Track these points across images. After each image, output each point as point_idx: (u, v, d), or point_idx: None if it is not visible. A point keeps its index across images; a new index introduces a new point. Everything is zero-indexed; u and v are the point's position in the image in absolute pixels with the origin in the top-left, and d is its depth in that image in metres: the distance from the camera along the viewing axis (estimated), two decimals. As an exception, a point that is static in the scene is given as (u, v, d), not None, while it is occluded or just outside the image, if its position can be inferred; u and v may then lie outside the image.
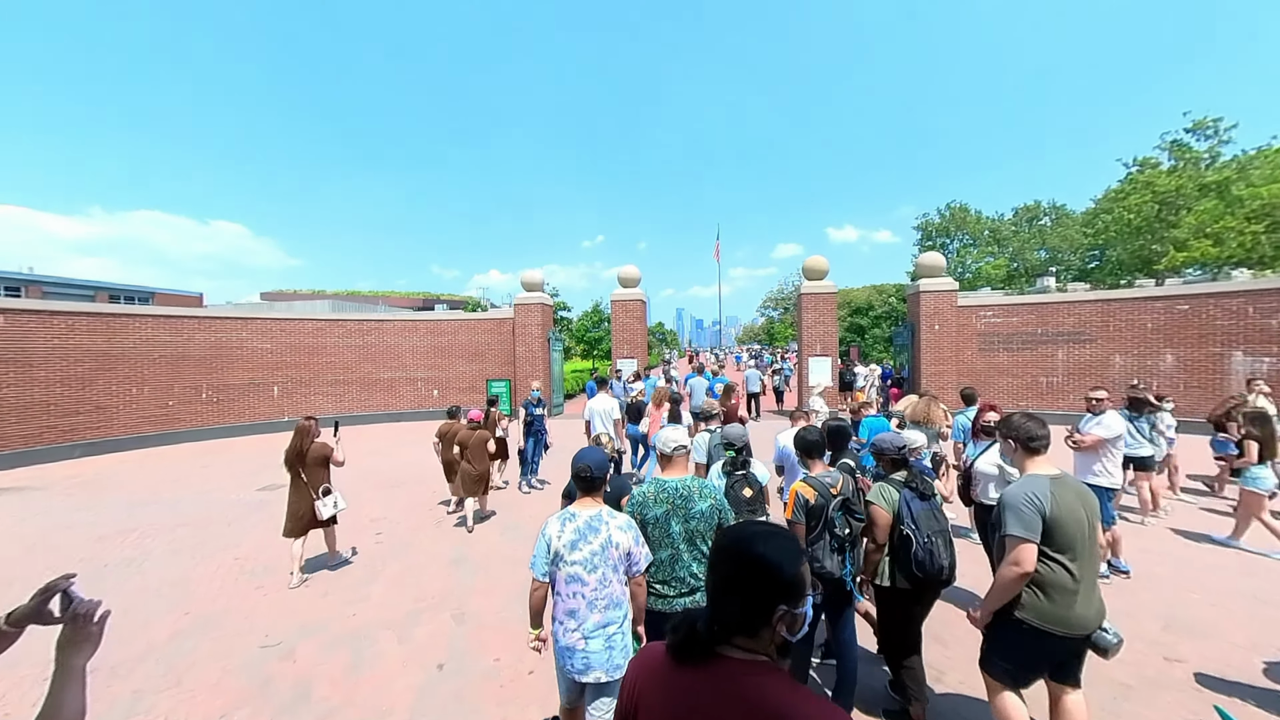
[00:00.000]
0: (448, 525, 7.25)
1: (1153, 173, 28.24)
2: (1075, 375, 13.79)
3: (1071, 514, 2.40)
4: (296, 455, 5.39)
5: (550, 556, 2.57)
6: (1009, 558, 2.40)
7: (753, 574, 1.10)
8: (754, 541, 1.12)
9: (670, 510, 2.86)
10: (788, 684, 1.08)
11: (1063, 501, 2.40)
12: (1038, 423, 2.64)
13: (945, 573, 2.97)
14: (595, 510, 2.63)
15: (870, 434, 6.62)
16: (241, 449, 13.11)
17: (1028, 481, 2.50)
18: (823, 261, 15.92)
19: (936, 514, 3.08)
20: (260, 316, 15.64)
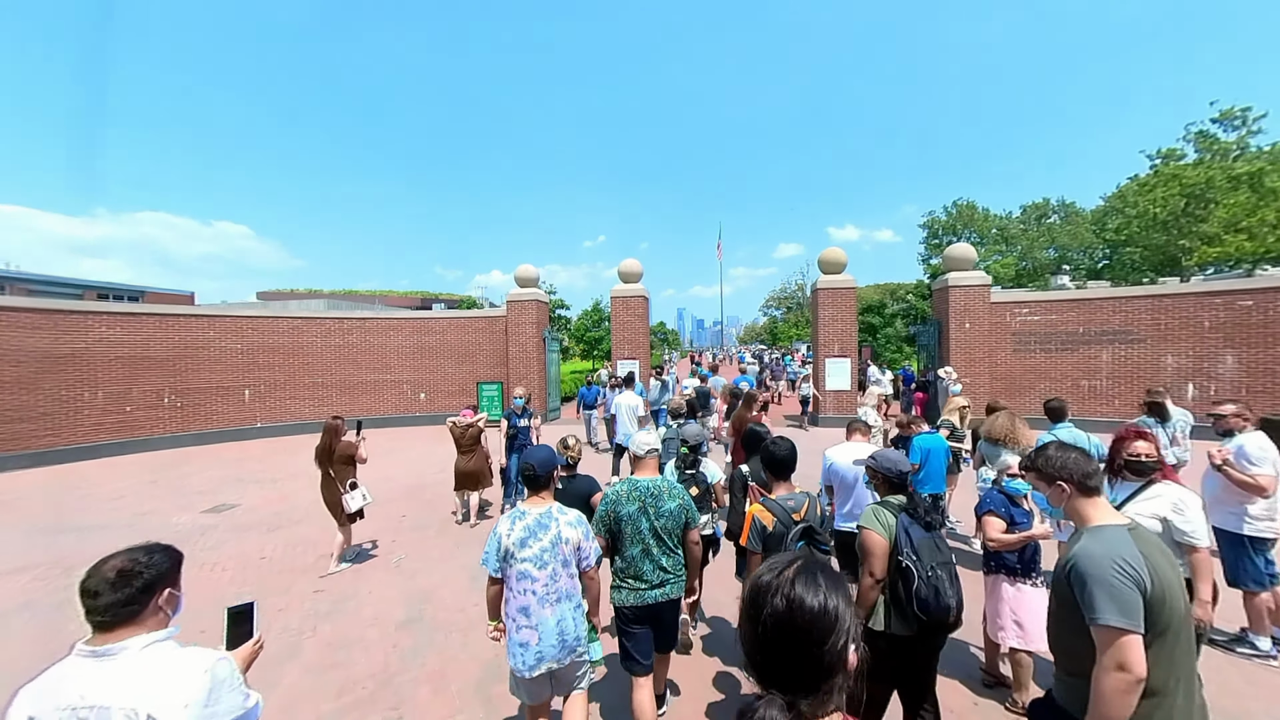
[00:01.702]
0: (411, 565, 5.99)
1: (1178, 165, 27.00)
2: (1122, 379, 12.52)
3: (1172, 580, 1.69)
4: (325, 453, 5.76)
5: (501, 554, 2.59)
6: (1108, 658, 1.62)
7: (821, 631, 0.97)
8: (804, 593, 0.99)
9: (641, 508, 2.97)
10: None
11: (1158, 563, 1.69)
12: (1083, 453, 1.93)
13: (953, 613, 2.47)
14: (544, 507, 2.67)
15: (923, 455, 5.41)
16: (205, 459, 11.90)
17: (1106, 539, 1.74)
18: (840, 254, 14.67)
19: (939, 544, 2.59)
20: (229, 314, 14.42)
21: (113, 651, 1.44)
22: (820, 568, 1.06)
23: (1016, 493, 3.23)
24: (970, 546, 6.04)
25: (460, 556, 6.07)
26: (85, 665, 1.43)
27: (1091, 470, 1.88)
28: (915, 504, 2.65)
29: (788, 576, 1.02)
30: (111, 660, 1.43)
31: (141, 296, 39.59)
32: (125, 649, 1.45)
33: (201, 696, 1.44)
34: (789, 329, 57.07)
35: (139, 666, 1.44)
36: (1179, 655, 1.68)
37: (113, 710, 1.37)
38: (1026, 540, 3.15)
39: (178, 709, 1.40)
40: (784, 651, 0.99)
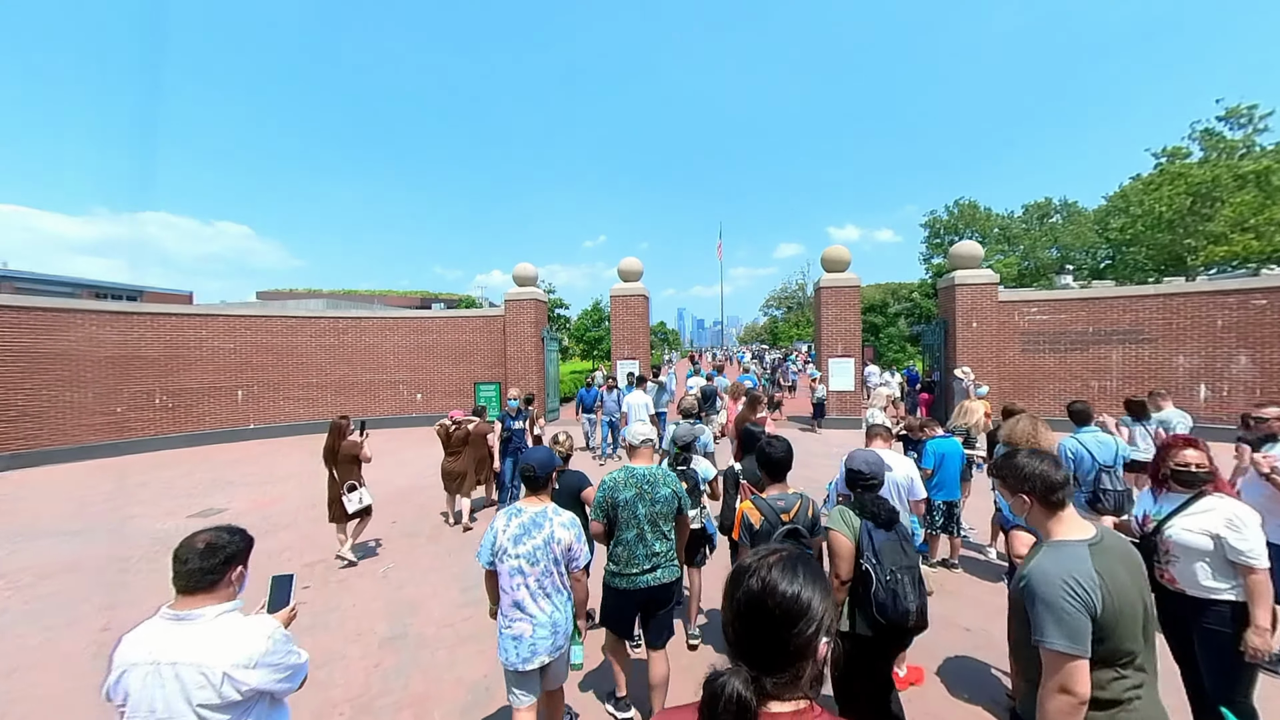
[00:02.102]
0: (399, 575, 5.73)
1: (1184, 164, 26.74)
2: (1132, 379, 12.25)
3: (1130, 600, 1.66)
4: (330, 452, 5.86)
5: (494, 549, 2.67)
6: (1053, 681, 1.63)
7: (793, 616, 1.02)
8: (778, 578, 1.05)
9: (638, 494, 3.06)
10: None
11: (1115, 584, 1.64)
12: (1053, 462, 1.85)
13: (912, 618, 2.47)
14: (540, 507, 2.73)
15: (937, 459, 5.15)
16: (196, 461, 11.64)
17: (1059, 556, 1.70)
18: (843, 251, 14.39)
19: (904, 546, 2.58)
20: (221, 314, 14.17)
21: (191, 617, 1.72)
22: (802, 560, 1.11)
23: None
24: (985, 555, 5.78)
25: (451, 565, 5.82)
26: (168, 626, 1.72)
27: (1057, 482, 1.79)
28: (874, 506, 2.65)
29: (768, 562, 1.08)
30: (190, 624, 1.71)
31: (139, 296, 39.35)
32: (202, 616, 1.73)
33: (264, 655, 1.73)
34: (789, 329, 56.81)
35: (211, 631, 1.72)
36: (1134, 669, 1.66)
37: (188, 666, 1.65)
38: None
39: (245, 665, 1.69)
40: (754, 629, 1.04)
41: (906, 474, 3.63)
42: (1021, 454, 1.92)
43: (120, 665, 1.69)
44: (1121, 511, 4.32)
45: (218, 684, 1.66)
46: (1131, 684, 1.65)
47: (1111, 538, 1.79)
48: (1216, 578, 2.56)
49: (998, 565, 5.47)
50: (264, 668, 1.73)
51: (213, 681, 1.66)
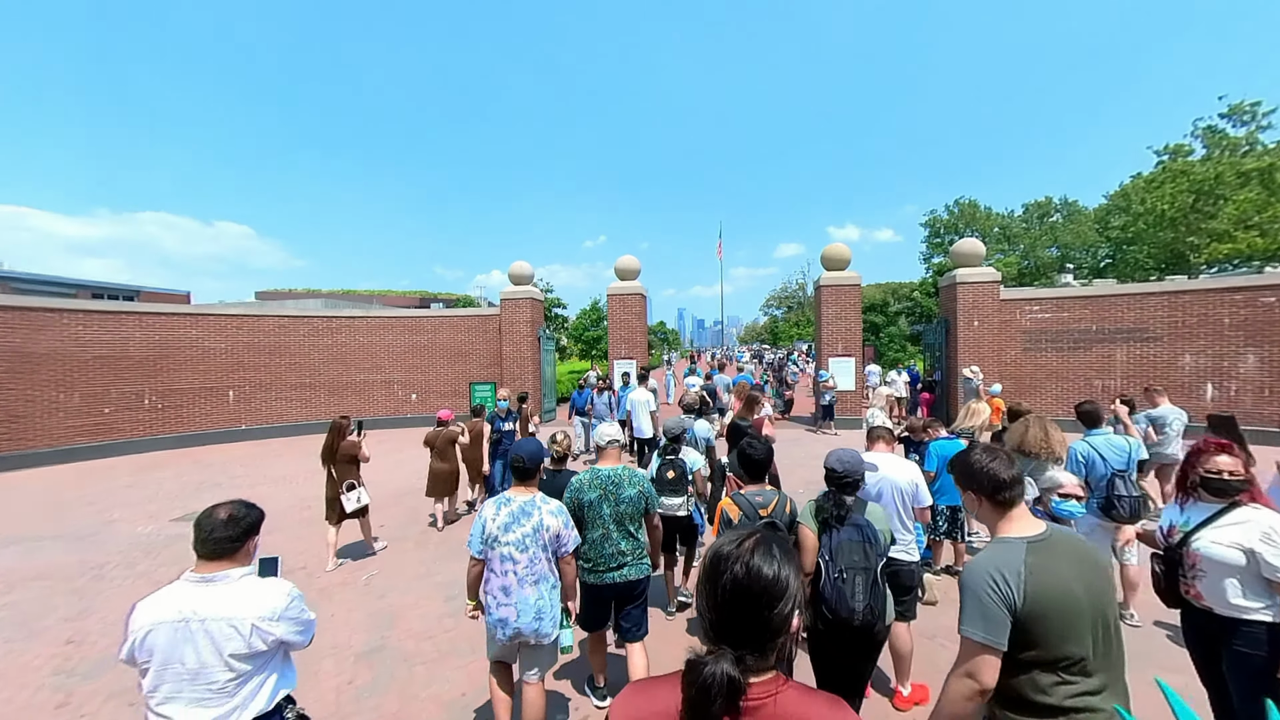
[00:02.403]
0: (382, 582, 5.53)
1: (1186, 161, 26.53)
2: (1137, 379, 12.01)
3: (1062, 597, 1.61)
4: (329, 451, 5.87)
5: (485, 537, 2.79)
6: (963, 666, 1.66)
7: (772, 595, 1.06)
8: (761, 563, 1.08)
9: (603, 495, 3.14)
10: (807, 691, 1.09)
11: (1046, 580, 1.62)
12: (1004, 461, 1.85)
13: (857, 617, 2.47)
14: (529, 496, 2.87)
15: (940, 462, 4.94)
16: (185, 463, 11.44)
17: (996, 552, 1.73)
18: (844, 249, 14.18)
19: (866, 549, 2.56)
20: (212, 313, 13.96)
21: (216, 579, 1.93)
22: (776, 541, 1.14)
23: (1068, 516, 2.75)
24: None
25: (437, 572, 5.61)
26: (194, 588, 1.92)
27: (1004, 482, 1.79)
28: (834, 504, 2.67)
29: (748, 547, 1.10)
30: (215, 585, 1.92)
31: (136, 296, 39.13)
32: (228, 577, 1.94)
33: (285, 609, 1.98)
34: (790, 328, 56.60)
35: (237, 590, 1.93)
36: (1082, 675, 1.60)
37: (218, 621, 1.85)
38: None
39: (270, 618, 1.93)
40: (739, 613, 1.06)
41: (910, 479, 3.42)
42: (976, 451, 1.94)
43: (144, 626, 1.84)
44: (1137, 518, 4.12)
45: (247, 635, 1.89)
46: (1080, 691, 1.60)
47: (1063, 538, 1.78)
48: (1248, 596, 2.35)
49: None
50: (285, 620, 1.98)
51: (242, 633, 1.88)
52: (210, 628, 1.86)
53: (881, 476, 3.43)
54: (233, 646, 1.87)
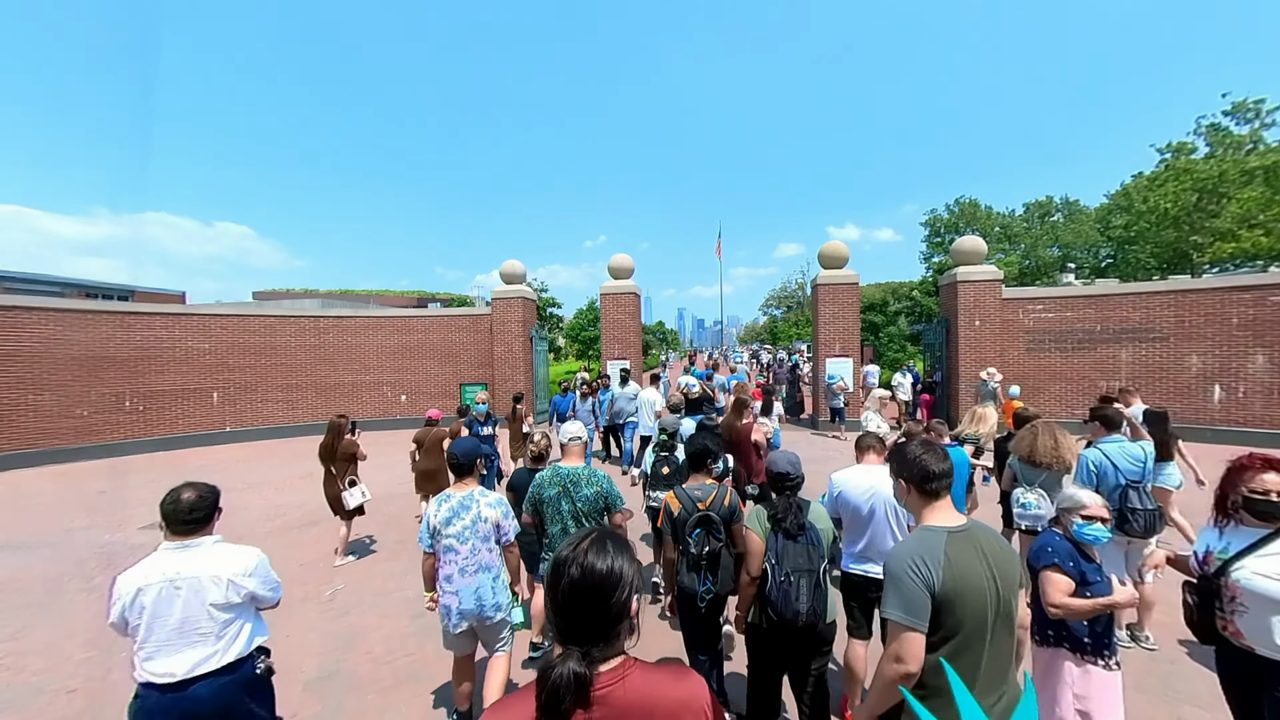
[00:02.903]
0: (347, 598, 5.22)
1: (1189, 159, 26.22)
2: (1142, 380, 11.71)
3: (971, 585, 1.68)
4: (328, 450, 6.01)
5: (430, 531, 3.01)
6: (890, 649, 1.72)
7: (608, 588, 1.13)
8: (588, 557, 1.15)
9: (562, 492, 3.30)
10: (652, 668, 1.16)
11: (960, 567, 1.70)
12: (936, 454, 1.90)
13: (802, 618, 2.52)
14: (467, 490, 3.07)
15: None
16: (165, 466, 11.12)
17: (918, 539, 1.80)
18: (842, 247, 13.85)
19: (810, 552, 2.62)
20: (195, 313, 13.64)
21: (194, 544, 2.27)
22: (610, 536, 1.21)
23: (1094, 541, 2.43)
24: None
25: (406, 586, 5.29)
26: (173, 554, 2.24)
27: (933, 474, 1.86)
28: (776, 509, 2.69)
29: (582, 548, 1.17)
30: (193, 550, 2.26)
31: (131, 295, 38.86)
32: (201, 544, 2.28)
33: (256, 568, 2.35)
34: (789, 328, 56.24)
35: (213, 552, 2.29)
36: (981, 655, 1.70)
37: (200, 578, 2.21)
38: (1106, 609, 2.35)
39: (244, 573, 2.30)
40: (581, 609, 1.13)
41: None
42: (914, 444, 1.98)
43: (131, 589, 2.15)
44: (1152, 533, 3.80)
45: (224, 588, 2.22)
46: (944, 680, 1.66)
47: (981, 531, 1.85)
48: (1293, 634, 2.04)
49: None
50: (257, 577, 2.33)
51: (220, 586, 2.22)
52: (193, 584, 2.20)
53: (874, 491, 3.11)
54: (213, 597, 2.21)
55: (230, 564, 2.27)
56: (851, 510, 3.20)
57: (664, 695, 1.11)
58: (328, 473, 6.09)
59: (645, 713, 1.08)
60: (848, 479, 3.27)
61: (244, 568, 2.30)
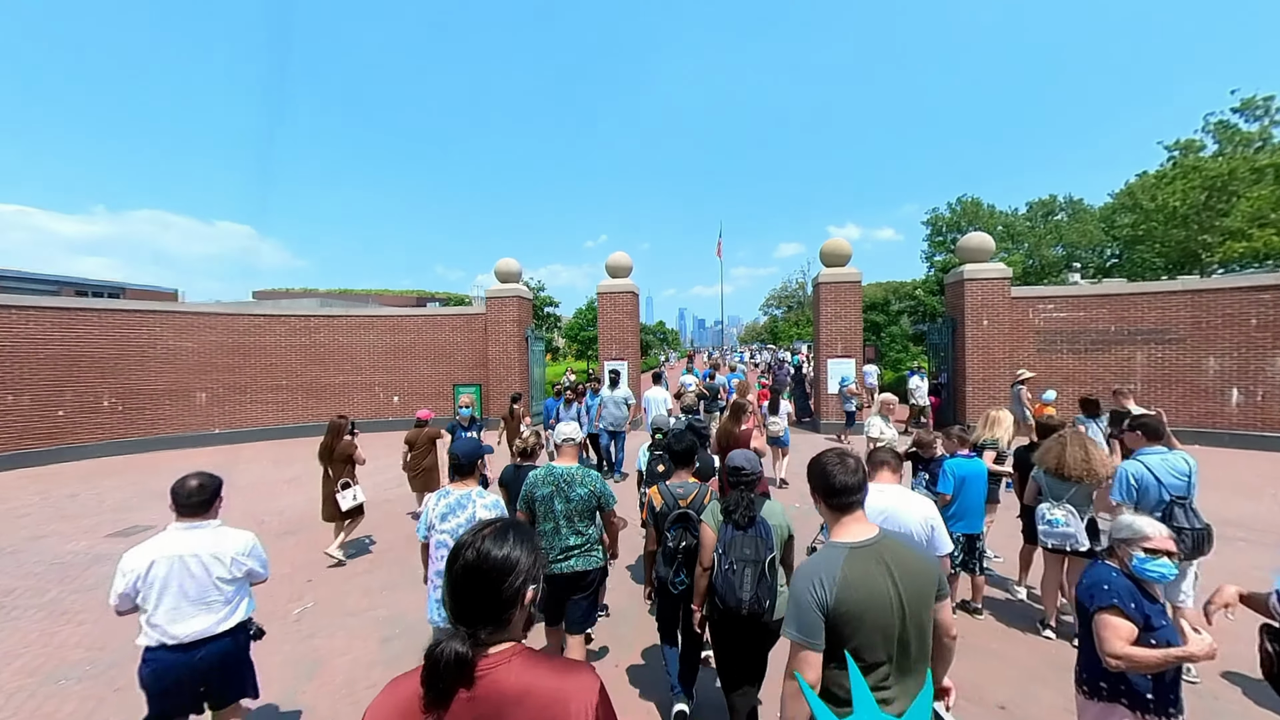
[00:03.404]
0: (315, 618, 4.83)
1: (1197, 157, 25.81)
2: (1158, 383, 11.31)
3: (871, 600, 1.66)
4: (327, 451, 6.00)
5: (427, 523, 3.12)
6: (789, 665, 1.75)
7: (499, 574, 1.16)
8: (491, 546, 1.18)
9: (555, 491, 3.32)
10: (538, 659, 1.17)
11: (857, 584, 1.67)
12: (846, 467, 1.86)
13: (745, 606, 2.57)
14: (466, 490, 3.15)
15: (957, 483, 4.23)
16: (143, 469, 10.76)
17: (819, 558, 1.80)
18: (844, 244, 13.46)
19: (758, 544, 2.65)
20: (179, 310, 13.25)
21: (201, 525, 2.62)
22: (513, 526, 1.26)
23: (1159, 579, 2.04)
24: (1013, 594, 4.86)
25: (380, 605, 4.92)
26: (183, 533, 2.59)
27: (836, 488, 1.84)
28: (728, 502, 2.76)
29: (483, 535, 1.21)
30: (199, 530, 2.61)
31: (122, 293, 38.54)
32: (208, 525, 2.65)
33: (252, 548, 2.73)
34: (790, 328, 55.83)
35: (216, 534, 2.65)
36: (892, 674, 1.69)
37: (206, 555, 2.56)
38: (1179, 661, 1.97)
39: (243, 552, 2.68)
40: (473, 591, 1.16)
41: (924, 519, 2.68)
42: (829, 454, 1.96)
43: (144, 564, 2.47)
44: (1199, 553, 3.41)
45: (228, 564, 2.60)
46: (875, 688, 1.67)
47: (891, 545, 1.79)
48: None
49: (1030, 609, 4.54)
50: (253, 557, 2.71)
51: (224, 562, 2.59)
52: (202, 559, 2.54)
53: (886, 515, 2.69)
54: (218, 571, 2.56)
55: (232, 544, 2.64)
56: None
57: (543, 685, 1.11)
58: (325, 474, 6.07)
59: (520, 697, 1.09)
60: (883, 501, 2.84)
61: (244, 546, 2.67)
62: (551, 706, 1.08)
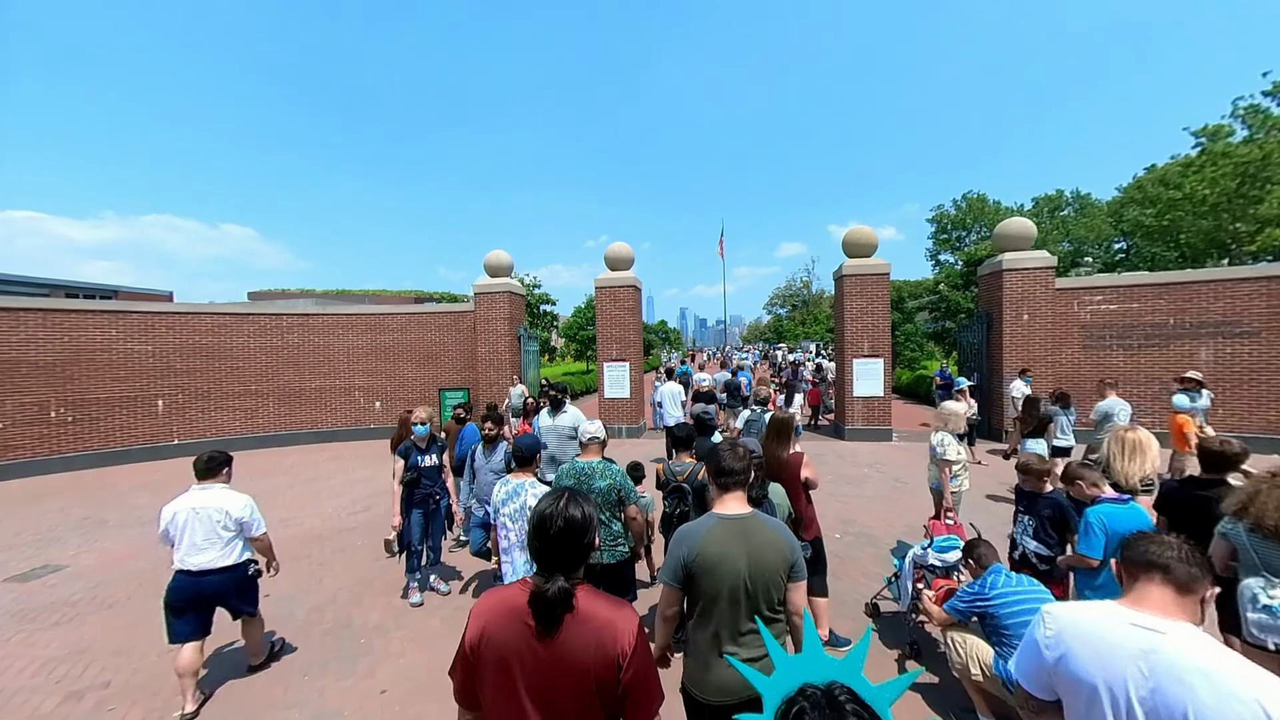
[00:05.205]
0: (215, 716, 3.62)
1: (1226, 143, 24.58)
2: (1228, 383, 10.08)
3: (719, 563, 2.04)
4: (397, 444, 5.79)
5: (493, 506, 3.57)
6: (660, 600, 2.23)
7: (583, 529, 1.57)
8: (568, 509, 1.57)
9: (577, 484, 3.55)
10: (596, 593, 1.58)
11: (713, 549, 2.06)
12: (735, 454, 2.25)
13: None
14: (521, 480, 3.53)
15: (1111, 541, 2.96)
16: (86, 488, 9.57)
17: (695, 525, 2.19)
18: (870, 233, 12.21)
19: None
20: (135, 310, 12.00)
21: (210, 487, 3.68)
22: (574, 493, 1.65)
23: None
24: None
25: (306, 699, 3.69)
26: (198, 492, 3.63)
27: (723, 470, 2.21)
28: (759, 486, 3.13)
29: (562, 505, 1.58)
30: (209, 490, 3.65)
31: (115, 295, 37.59)
32: (215, 487, 3.70)
33: (249, 506, 3.73)
34: (795, 326, 54.61)
35: (222, 494, 3.66)
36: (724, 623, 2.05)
37: (215, 509, 3.57)
38: None
39: (241, 508, 3.67)
40: (564, 547, 1.53)
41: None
42: (723, 444, 2.33)
43: (171, 513, 3.55)
44: None
45: (224, 517, 3.59)
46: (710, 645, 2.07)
47: (755, 522, 2.13)
48: None
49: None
50: (249, 509, 3.71)
51: (225, 514, 3.60)
52: (210, 513, 3.56)
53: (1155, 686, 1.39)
54: (224, 521, 3.59)
55: (231, 502, 3.64)
56: (1078, 694, 1.51)
57: (602, 613, 1.50)
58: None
59: (587, 619, 1.48)
60: (1079, 628, 1.45)
61: (242, 504, 3.69)
62: (607, 628, 1.48)
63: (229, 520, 3.56)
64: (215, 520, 3.52)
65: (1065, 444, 7.47)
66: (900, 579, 3.89)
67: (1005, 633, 2.86)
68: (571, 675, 1.45)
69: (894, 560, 4.05)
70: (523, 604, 1.48)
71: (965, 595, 3.08)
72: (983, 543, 3.31)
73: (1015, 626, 2.80)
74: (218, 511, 3.53)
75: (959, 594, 3.15)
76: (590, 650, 1.45)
